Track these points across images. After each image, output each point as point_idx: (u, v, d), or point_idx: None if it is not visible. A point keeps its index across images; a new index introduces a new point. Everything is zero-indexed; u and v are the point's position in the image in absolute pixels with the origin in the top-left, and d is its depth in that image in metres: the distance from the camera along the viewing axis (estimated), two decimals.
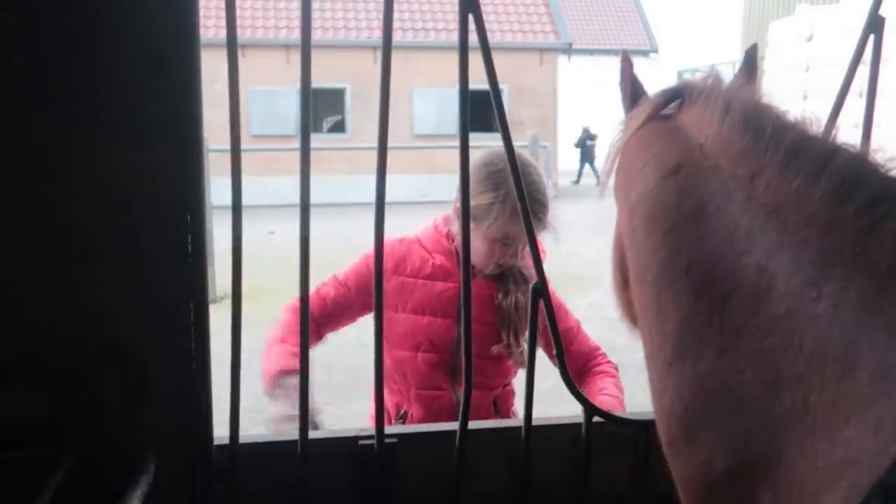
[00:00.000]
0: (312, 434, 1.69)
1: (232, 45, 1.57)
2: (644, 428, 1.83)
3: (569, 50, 27.98)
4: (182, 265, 1.54)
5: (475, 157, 2.62)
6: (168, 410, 1.56)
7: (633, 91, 1.78)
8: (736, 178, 1.37)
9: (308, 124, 1.66)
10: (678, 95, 1.64)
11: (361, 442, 1.73)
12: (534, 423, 1.77)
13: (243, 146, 1.55)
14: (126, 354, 1.52)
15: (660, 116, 1.64)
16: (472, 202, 2.44)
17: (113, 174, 1.49)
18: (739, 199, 1.35)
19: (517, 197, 1.74)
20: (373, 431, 1.72)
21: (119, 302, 1.52)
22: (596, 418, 1.82)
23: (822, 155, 1.29)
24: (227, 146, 1.64)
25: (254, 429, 7.22)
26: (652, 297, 1.44)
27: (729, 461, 1.23)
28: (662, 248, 1.43)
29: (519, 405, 2.70)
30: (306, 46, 1.61)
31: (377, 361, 1.69)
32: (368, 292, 2.51)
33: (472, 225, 2.61)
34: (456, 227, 2.70)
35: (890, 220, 1.15)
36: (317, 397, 2.05)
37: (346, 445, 1.74)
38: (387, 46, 1.62)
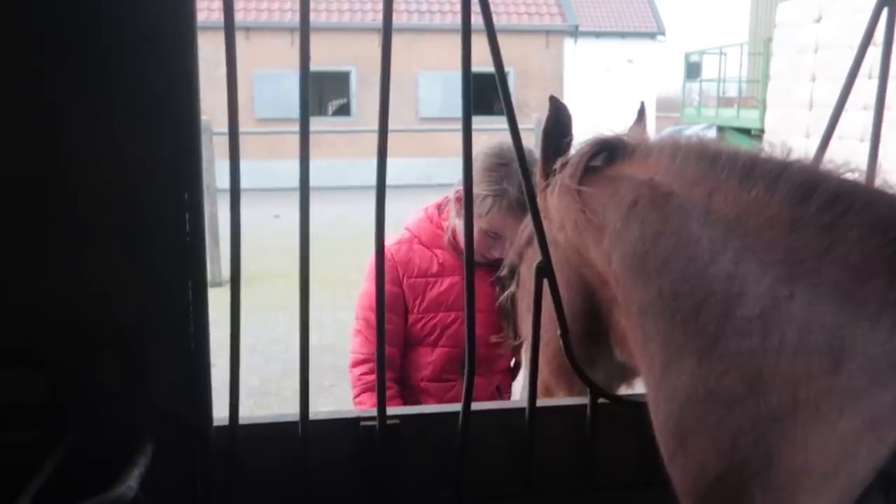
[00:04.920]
0: (313, 415, 1.67)
1: (229, 28, 1.53)
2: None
3: (575, 32, 27.84)
4: (180, 244, 1.52)
5: (487, 144, 2.64)
6: (167, 391, 1.54)
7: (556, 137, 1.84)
8: (692, 197, 1.42)
9: (307, 105, 1.63)
10: (605, 150, 1.71)
11: (363, 423, 1.71)
12: (537, 404, 1.75)
13: (248, 129, 1.53)
14: (124, 335, 1.50)
15: (589, 168, 1.71)
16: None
17: (109, 153, 1.46)
18: (697, 216, 1.39)
19: (525, 189, 1.69)
20: (375, 412, 1.69)
21: (116, 282, 1.50)
22: (601, 400, 1.79)
23: (777, 166, 1.35)
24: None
25: (260, 412, 7.24)
26: (638, 326, 1.49)
27: (719, 465, 1.23)
28: (638, 280, 1.48)
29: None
30: (305, 29, 1.58)
31: (379, 345, 1.67)
32: (395, 308, 2.64)
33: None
34: (452, 216, 2.74)
35: (851, 214, 1.18)
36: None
37: (347, 426, 1.71)
38: (387, 31, 1.59)
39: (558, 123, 1.80)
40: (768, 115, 14.46)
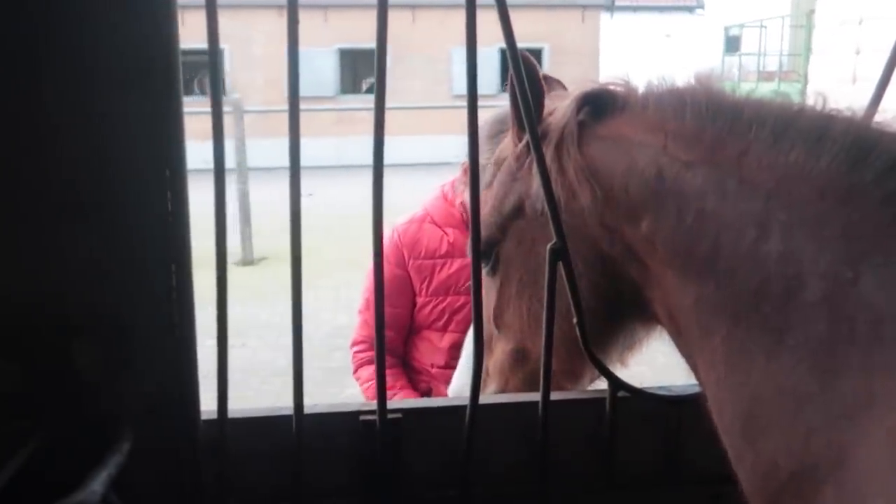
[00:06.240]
0: (309, 409, 1.55)
1: (211, 5, 1.41)
2: (675, 404, 1.67)
3: (611, 7, 27.40)
4: (161, 224, 1.41)
5: (493, 112, 2.50)
6: (148, 382, 1.43)
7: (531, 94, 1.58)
8: (719, 164, 1.27)
9: (296, 82, 1.52)
10: (588, 104, 1.54)
11: (363, 417, 1.59)
12: (552, 397, 1.61)
13: (280, 107, 1.45)
14: (101, 322, 1.40)
15: (581, 124, 1.54)
16: None
17: (83, 126, 1.35)
18: (731, 186, 1.24)
19: (536, 161, 1.53)
20: (375, 406, 1.57)
21: (93, 265, 1.39)
22: (622, 393, 1.66)
23: (817, 123, 1.20)
24: (265, 107, 1.51)
25: (288, 393, 7.20)
26: (693, 321, 1.34)
27: (792, 465, 1.11)
28: (690, 273, 1.33)
29: None
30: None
31: (378, 337, 1.55)
32: (401, 291, 2.53)
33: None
34: (460, 190, 2.62)
35: None
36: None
37: (346, 421, 1.60)
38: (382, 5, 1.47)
39: (528, 79, 1.53)
40: (810, 89, 14.09)
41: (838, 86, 12.58)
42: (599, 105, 1.53)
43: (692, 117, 1.34)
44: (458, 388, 1.96)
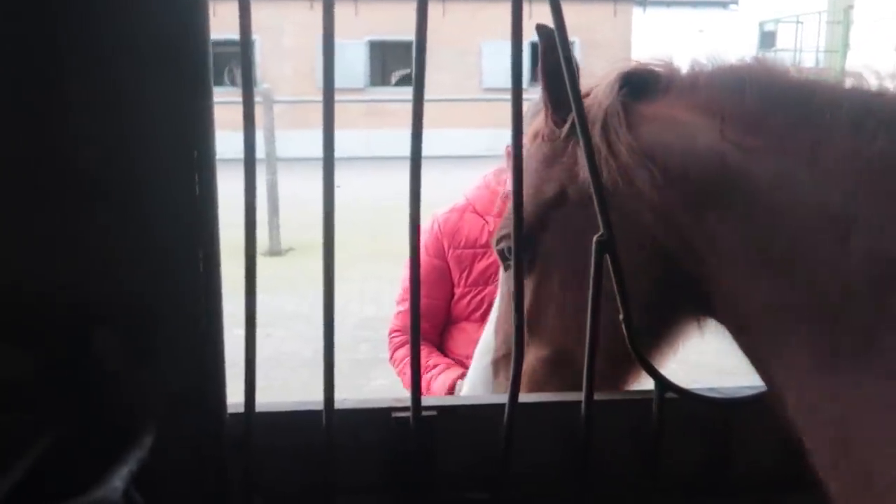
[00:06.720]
0: (340, 404, 1.48)
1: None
2: (727, 407, 1.58)
3: (644, 1, 27.11)
4: (189, 209, 1.34)
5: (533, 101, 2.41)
6: (173, 374, 1.37)
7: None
8: (791, 153, 1.17)
9: (331, 73, 1.46)
10: (626, 84, 1.45)
11: (395, 414, 1.52)
12: (596, 397, 1.53)
13: (310, 98, 1.38)
14: (123, 310, 1.34)
15: (623, 105, 1.44)
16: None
17: (106, 105, 1.29)
18: (806, 177, 1.14)
19: (583, 144, 1.44)
20: (409, 402, 1.50)
21: (116, 251, 1.33)
22: (669, 394, 1.57)
23: None
24: (294, 97, 1.44)
25: (315, 384, 7.21)
26: (765, 323, 1.24)
27: (888, 476, 1.03)
28: (760, 272, 1.22)
29: None
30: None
31: (413, 325, 1.48)
32: (439, 282, 2.47)
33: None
34: (507, 178, 2.55)
35: None
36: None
37: (378, 417, 1.53)
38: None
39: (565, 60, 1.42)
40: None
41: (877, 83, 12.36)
42: (640, 85, 1.44)
43: (753, 99, 1.24)
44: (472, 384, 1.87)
